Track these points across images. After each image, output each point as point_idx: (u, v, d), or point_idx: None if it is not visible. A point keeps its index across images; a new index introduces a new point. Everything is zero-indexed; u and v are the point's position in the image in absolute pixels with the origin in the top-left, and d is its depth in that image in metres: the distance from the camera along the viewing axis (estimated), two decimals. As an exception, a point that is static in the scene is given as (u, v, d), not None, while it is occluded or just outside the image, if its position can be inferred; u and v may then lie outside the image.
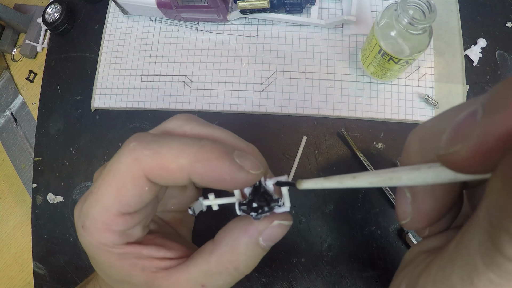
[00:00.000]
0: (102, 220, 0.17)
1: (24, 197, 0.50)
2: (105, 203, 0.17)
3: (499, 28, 0.40)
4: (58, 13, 0.47)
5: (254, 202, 0.17)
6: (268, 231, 0.18)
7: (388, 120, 0.39)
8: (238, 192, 0.18)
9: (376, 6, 0.42)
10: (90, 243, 0.18)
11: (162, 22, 0.45)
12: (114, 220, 0.17)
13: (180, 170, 0.16)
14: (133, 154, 0.16)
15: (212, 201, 0.18)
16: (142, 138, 0.17)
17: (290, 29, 0.42)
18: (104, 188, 0.17)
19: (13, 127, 0.52)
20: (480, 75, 0.39)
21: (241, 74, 0.42)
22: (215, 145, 0.16)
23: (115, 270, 0.18)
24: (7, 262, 0.49)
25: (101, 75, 0.45)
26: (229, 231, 0.18)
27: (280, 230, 0.18)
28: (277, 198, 0.18)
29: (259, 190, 0.18)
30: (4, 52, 0.55)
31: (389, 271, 0.36)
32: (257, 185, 0.18)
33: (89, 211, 0.17)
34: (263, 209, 0.17)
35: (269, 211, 0.17)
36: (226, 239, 0.18)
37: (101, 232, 0.17)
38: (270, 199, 0.17)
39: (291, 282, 0.37)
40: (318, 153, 0.39)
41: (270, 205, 0.17)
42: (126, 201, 0.17)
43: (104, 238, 0.17)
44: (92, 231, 0.17)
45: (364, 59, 0.38)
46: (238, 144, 0.19)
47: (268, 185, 0.18)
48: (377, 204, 0.38)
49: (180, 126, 0.19)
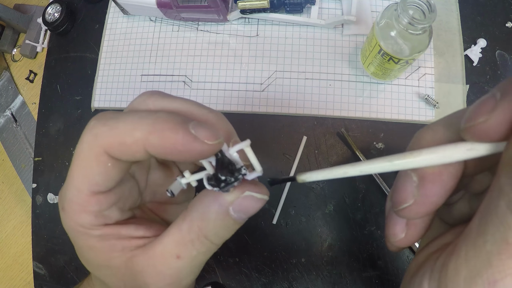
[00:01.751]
0: (76, 201, 0.17)
1: (24, 197, 0.50)
2: (76, 184, 0.17)
3: (499, 28, 0.40)
4: (58, 13, 0.47)
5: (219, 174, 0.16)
6: (239, 202, 0.17)
7: (388, 120, 0.39)
8: (208, 164, 0.17)
9: (376, 6, 0.42)
10: (69, 226, 0.18)
11: (162, 22, 0.45)
12: (87, 200, 0.17)
13: (135, 143, 0.16)
14: (92, 132, 0.17)
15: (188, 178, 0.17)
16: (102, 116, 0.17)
17: (290, 29, 0.42)
18: (74, 169, 0.17)
19: (13, 127, 0.52)
20: (480, 75, 0.39)
21: (241, 74, 0.42)
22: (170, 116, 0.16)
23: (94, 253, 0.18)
24: (7, 262, 0.49)
25: (101, 75, 0.45)
26: (201, 198, 0.18)
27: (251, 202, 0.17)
28: (241, 166, 0.17)
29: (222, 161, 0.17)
30: (4, 52, 0.55)
31: (389, 271, 0.36)
32: (219, 156, 0.17)
33: (66, 193, 0.18)
34: (227, 181, 0.16)
35: (234, 181, 0.16)
36: (197, 205, 0.18)
37: (77, 213, 0.17)
38: (233, 168, 0.17)
39: (291, 282, 0.37)
40: (318, 153, 0.39)
41: (234, 175, 0.16)
42: (93, 180, 0.17)
43: (81, 219, 0.17)
44: (70, 213, 0.18)
45: (364, 59, 0.38)
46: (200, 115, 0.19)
47: (231, 154, 0.17)
48: (377, 204, 0.38)
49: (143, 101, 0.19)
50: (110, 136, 0.16)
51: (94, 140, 0.16)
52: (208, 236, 0.17)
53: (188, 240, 0.17)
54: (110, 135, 0.16)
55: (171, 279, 0.18)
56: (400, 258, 0.36)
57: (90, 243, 0.18)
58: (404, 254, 0.36)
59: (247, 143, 0.16)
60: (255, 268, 0.38)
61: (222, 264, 0.39)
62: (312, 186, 0.39)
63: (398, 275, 0.36)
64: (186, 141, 0.15)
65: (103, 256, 0.18)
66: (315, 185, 0.39)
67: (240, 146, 0.17)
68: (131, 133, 0.16)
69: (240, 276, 0.38)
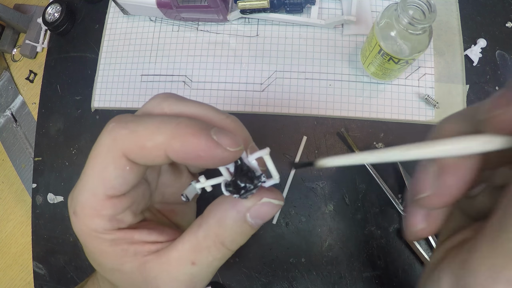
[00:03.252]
0: (90, 205, 0.17)
1: (24, 197, 0.50)
2: (91, 187, 0.17)
3: (499, 28, 0.40)
4: (58, 13, 0.47)
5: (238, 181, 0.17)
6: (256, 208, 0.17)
7: (388, 120, 0.39)
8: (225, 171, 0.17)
9: (376, 6, 0.42)
10: (81, 230, 0.18)
11: (162, 22, 0.45)
12: (102, 204, 0.17)
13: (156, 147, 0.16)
14: (111, 135, 0.16)
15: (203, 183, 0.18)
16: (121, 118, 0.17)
17: (290, 29, 0.42)
18: (89, 172, 0.17)
19: (13, 127, 0.52)
20: (480, 75, 0.39)
21: (241, 74, 0.42)
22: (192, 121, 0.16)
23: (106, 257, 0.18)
24: (7, 262, 0.49)
25: (101, 75, 0.45)
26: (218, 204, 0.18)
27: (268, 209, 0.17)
28: (260, 174, 0.17)
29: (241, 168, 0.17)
30: (4, 52, 0.55)
31: (389, 271, 0.36)
32: (239, 163, 0.17)
33: (78, 197, 0.17)
34: (247, 188, 0.16)
35: (254, 188, 0.17)
36: (213, 212, 0.18)
37: (90, 217, 0.17)
38: (253, 176, 0.17)
39: (291, 282, 0.37)
40: (318, 153, 0.39)
41: (253, 182, 0.17)
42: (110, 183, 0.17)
43: (94, 223, 0.17)
44: (82, 217, 0.17)
45: (364, 59, 0.38)
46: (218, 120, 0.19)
47: (250, 161, 0.17)
48: (377, 204, 0.38)
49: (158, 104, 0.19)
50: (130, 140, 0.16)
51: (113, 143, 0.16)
52: (224, 243, 0.17)
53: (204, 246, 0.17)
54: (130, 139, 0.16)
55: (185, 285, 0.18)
56: (400, 258, 0.36)
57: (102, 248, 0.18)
58: (404, 254, 0.36)
59: (267, 152, 0.17)
60: (255, 268, 0.38)
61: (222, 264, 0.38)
62: (312, 186, 0.39)
63: (398, 275, 0.36)
64: (208, 147, 0.15)
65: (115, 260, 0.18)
66: (315, 185, 0.39)
67: (259, 154, 0.17)
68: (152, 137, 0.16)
69: (240, 276, 0.38)
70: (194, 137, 0.15)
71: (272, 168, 0.17)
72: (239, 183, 0.16)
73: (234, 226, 0.17)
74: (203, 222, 0.18)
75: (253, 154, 0.17)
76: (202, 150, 0.15)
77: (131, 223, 0.19)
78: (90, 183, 0.17)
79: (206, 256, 0.18)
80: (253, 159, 0.17)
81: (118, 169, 0.16)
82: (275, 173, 0.17)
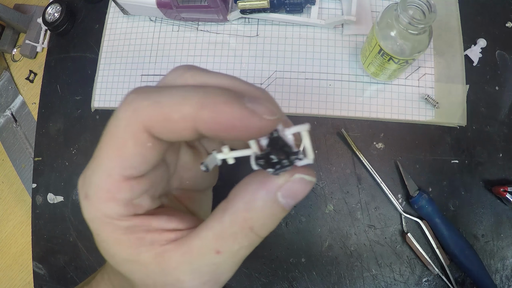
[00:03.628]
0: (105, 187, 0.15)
1: (24, 197, 0.50)
2: (106, 167, 0.15)
3: (499, 28, 0.40)
4: (58, 13, 0.47)
5: (272, 155, 0.15)
6: (289, 186, 0.16)
7: (388, 120, 0.39)
8: (254, 143, 0.16)
9: (376, 6, 0.42)
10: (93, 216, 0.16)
11: (162, 22, 0.45)
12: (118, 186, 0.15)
13: (184, 119, 0.14)
14: (131, 106, 0.15)
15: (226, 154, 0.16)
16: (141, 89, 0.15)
17: (290, 29, 0.42)
18: (104, 150, 0.15)
19: (13, 127, 0.52)
20: (480, 75, 0.39)
21: (241, 74, 0.42)
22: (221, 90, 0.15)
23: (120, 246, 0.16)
24: (7, 262, 0.49)
25: (101, 75, 0.45)
26: (245, 186, 0.16)
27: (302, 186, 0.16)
28: (298, 151, 0.15)
29: (277, 142, 0.15)
30: (4, 52, 0.55)
31: (389, 271, 0.36)
32: (275, 136, 0.15)
33: (91, 178, 0.16)
34: (282, 163, 0.15)
35: (289, 165, 0.15)
36: (241, 194, 0.16)
37: (105, 201, 0.15)
38: (290, 151, 0.15)
39: (291, 282, 0.37)
40: (318, 153, 0.39)
41: (289, 158, 0.15)
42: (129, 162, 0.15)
43: (109, 208, 0.16)
44: (95, 201, 0.16)
45: (364, 59, 0.38)
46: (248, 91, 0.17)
47: (287, 135, 0.15)
48: (377, 204, 0.38)
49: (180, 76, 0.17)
50: (153, 111, 0.14)
51: (133, 115, 0.14)
52: (254, 228, 0.16)
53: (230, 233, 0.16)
54: (154, 110, 0.14)
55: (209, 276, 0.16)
56: (400, 259, 0.36)
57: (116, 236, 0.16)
58: (404, 254, 0.36)
59: (307, 127, 0.15)
60: (255, 268, 0.38)
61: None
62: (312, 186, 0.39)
63: (398, 275, 0.36)
64: (243, 116, 0.14)
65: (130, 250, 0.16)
66: (315, 185, 0.39)
67: (298, 128, 0.15)
68: (178, 108, 0.14)
69: (240, 276, 0.38)
70: (226, 105, 0.14)
71: (309, 146, 0.16)
72: (273, 157, 0.15)
73: (265, 207, 0.16)
74: (228, 206, 0.16)
75: (290, 128, 0.15)
76: (236, 119, 0.14)
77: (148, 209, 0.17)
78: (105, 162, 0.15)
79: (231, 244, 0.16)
80: (290, 133, 0.16)
81: (138, 145, 0.15)
82: (311, 152, 0.16)
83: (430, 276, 0.36)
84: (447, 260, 0.35)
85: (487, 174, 0.37)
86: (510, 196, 0.35)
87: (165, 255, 0.16)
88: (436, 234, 0.35)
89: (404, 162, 0.38)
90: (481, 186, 0.37)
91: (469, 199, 0.37)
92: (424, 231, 0.36)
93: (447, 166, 0.38)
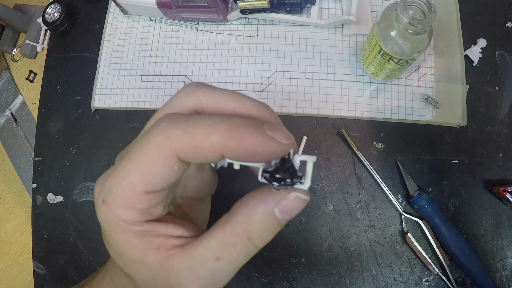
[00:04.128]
0: (126, 197, 0.17)
1: (24, 197, 0.50)
2: (131, 181, 0.17)
3: (499, 28, 0.40)
4: (58, 13, 0.47)
5: (278, 173, 0.17)
6: (285, 203, 0.18)
7: (388, 120, 0.39)
8: None
9: (376, 6, 0.42)
10: (109, 219, 0.18)
11: (162, 22, 0.45)
12: (139, 198, 0.17)
13: (212, 147, 0.16)
14: (164, 134, 0.16)
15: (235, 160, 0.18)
16: (172, 117, 0.17)
17: (290, 29, 0.42)
18: (131, 166, 0.17)
19: (13, 127, 0.52)
20: (480, 75, 0.39)
21: (241, 74, 0.42)
22: (245, 120, 0.17)
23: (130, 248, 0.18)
24: (7, 262, 0.49)
25: (101, 75, 0.45)
26: (246, 201, 0.18)
27: (296, 204, 0.18)
28: (301, 175, 0.18)
29: (285, 163, 0.17)
30: (4, 52, 0.55)
31: (389, 271, 0.36)
32: (286, 158, 0.18)
33: (112, 187, 0.17)
34: (285, 181, 0.17)
35: (290, 185, 0.17)
36: (242, 208, 0.18)
37: (122, 208, 0.17)
38: (294, 174, 0.17)
39: (291, 282, 0.37)
40: (318, 153, 0.39)
41: (292, 180, 0.17)
42: (154, 181, 0.17)
43: (125, 214, 0.17)
44: (113, 207, 0.17)
45: (364, 59, 0.38)
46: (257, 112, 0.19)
47: (295, 160, 0.18)
48: (377, 204, 0.38)
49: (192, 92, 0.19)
50: (184, 140, 0.16)
51: (165, 142, 0.16)
52: (252, 239, 0.18)
53: (230, 242, 0.18)
54: (184, 139, 0.16)
55: (207, 281, 0.18)
56: (400, 258, 0.36)
57: (128, 239, 0.18)
58: (404, 254, 0.36)
59: (314, 159, 0.18)
60: (255, 268, 0.38)
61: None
62: (312, 186, 0.39)
63: (398, 275, 0.36)
64: (265, 143, 0.16)
65: (138, 252, 0.18)
66: (315, 185, 0.39)
67: (308, 158, 0.17)
68: (207, 137, 0.16)
69: (240, 276, 0.38)
70: (251, 135, 0.16)
71: (310, 174, 0.18)
72: (279, 175, 0.17)
73: (263, 221, 0.18)
74: (231, 218, 0.18)
75: (301, 156, 0.18)
76: (260, 146, 0.16)
77: (159, 216, 0.19)
78: (131, 176, 0.17)
79: (230, 252, 0.18)
80: (298, 159, 0.18)
81: (166, 168, 0.17)
82: (309, 181, 0.18)
83: (430, 276, 0.36)
84: (447, 260, 0.35)
85: (487, 174, 0.37)
86: (510, 196, 0.35)
87: (169, 259, 0.18)
88: (436, 234, 0.35)
89: (404, 162, 0.38)
90: (481, 186, 0.37)
91: (469, 199, 0.37)
92: (424, 231, 0.36)
93: (447, 166, 0.38)
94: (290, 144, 0.17)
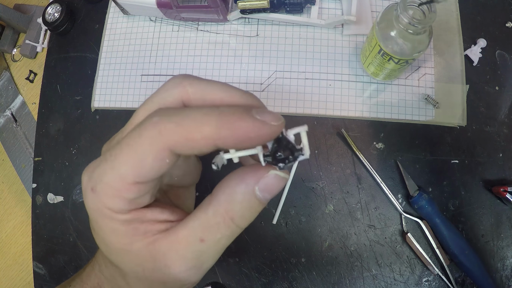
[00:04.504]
0: (115, 187, 0.17)
1: (24, 197, 0.50)
2: (121, 172, 0.17)
3: (499, 28, 0.40)
4: (58, 13, 0.47)
5: (278, 152, 0.18)
6: (265, 181, 0.18)
7: (388, 120, 0.39)
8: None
9: (376, 6, 0.42)
10: (96, 206, 0.18)
11: (162, 22, 0.45)
12: (128, 188, 0.17)
13: (205, 138, 0.16)
14: (156, 128, 0.17)
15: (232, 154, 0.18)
16: (164, 112, 0.17)
17: (290, 29, 0.42)
18: (122, 158, 0.17)
19: (13, 127, 0.52)
20: (480, 75, 0.39)
21: (241, 74, 0.42)
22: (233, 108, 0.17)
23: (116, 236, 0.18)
24: (7, 262, 0.49)
25: (101, 75, 0.45)
26: (227, 181, 0.19)
27: (276, 182, 0.18)
28: (300, 148, 0.18)
29: (282, 141, 0.18)
30: (4, 52, 0.55)
31: (389, 271, 0.36)
32: (280, 137, 0.18)
33: (102, 176, 0.18)
34: (288, 159, 0.18)
35: (293, 160, 0.18)
36: (223, 188, 0.18)
37: (111, 197, 0.17)
38: (294, 149, 0.18)
39: (291, 282, 0.37)
40: (318, 153, 0.39)
41: (294, 155, 0.18)
42: (144, 172, 0.17)
43: (113, 203, 0.18)
44: (101, 195, 0.18)
45: (364, 59, 0.38)
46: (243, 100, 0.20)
47: (289, 135, 0.18)
48: (377, 204, 0.38)
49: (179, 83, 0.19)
50: (177, 133, 0.16)
51: (158, 136, 0.17)
52: (234, 219, 0.18)
53: (214, 223, 0.18)
54: (177, 132, 0.16)
55: (193, 263, 0.18)
56: (400, 258, 0.36)
57: (114, 226, 0.18)
58: (404, 254, 0.36)
59: (305, 128, 0.18)
60: (255, 268, 0.38)
61: (222, 264, 0.39)
62: (312, 186, 0.39)
63: (398, 275, 0.36)
64: (257, 127, 0.16)
65: (124, 239, 0.18)
66: (315, 185, 0.39)
67: (299, 129, 0.18)
68: (199, 129, 0.16)
69: (240, 276, 0.38)
70: (242, 122, 0.16)
71: (306, 144, 0.18)
72: (279, 154, 0.18)
73: (244, 200, 0.18)
74: (213, 199, 0.18)
75: (293, 129, 0.18)
76: (252, 131, 0.16)
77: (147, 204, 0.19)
78: (121, 167, 0.17)
79: (214, 233, 0.18)
80: (292, 133, 0.18)
81: (157, 161, 0.17)
82: (307, 149, 0.18)
83: (430, 276, 0.36)
84: (447, 260, 0.35)
85: (487, 174, 0.37)
86: (510, 196, 0.35)
87: (155, 243, 0.18)
88: (436, 234, 0.35)
89: (404, 162, 0.38)
90: (481, 186, 0.37)
91: (469, 199, 0.37)
92: (424, 231, 0.36)
93: (447, 166, 0.38)
94: (280, 125, 0.17)
